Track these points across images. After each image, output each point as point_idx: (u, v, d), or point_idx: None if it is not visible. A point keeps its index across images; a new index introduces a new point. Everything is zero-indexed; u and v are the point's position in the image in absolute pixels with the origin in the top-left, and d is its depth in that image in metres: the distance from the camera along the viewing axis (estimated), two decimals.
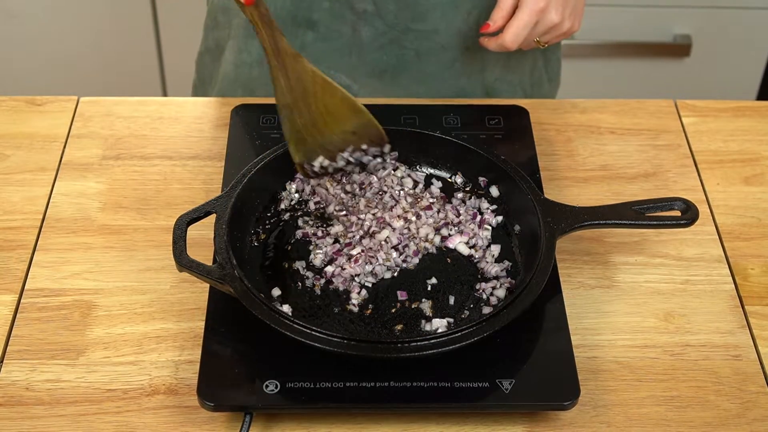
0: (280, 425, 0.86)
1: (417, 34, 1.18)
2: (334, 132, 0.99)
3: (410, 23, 1.17)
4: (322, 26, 1.19)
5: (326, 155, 1.00)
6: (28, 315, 0.93)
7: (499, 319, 0.86)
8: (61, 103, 1.16)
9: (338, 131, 0.99)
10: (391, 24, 1.17)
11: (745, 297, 0.97)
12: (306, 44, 1.20)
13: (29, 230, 1.01)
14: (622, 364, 0.91)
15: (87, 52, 2.07)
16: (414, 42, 1.19)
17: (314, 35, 1.19)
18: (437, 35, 1.18)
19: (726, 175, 1.10)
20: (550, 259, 0.91)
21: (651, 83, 2.10)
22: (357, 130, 0.99)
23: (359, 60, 1.21)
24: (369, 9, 1.16)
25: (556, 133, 1.14)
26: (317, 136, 0.99)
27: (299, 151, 0.99)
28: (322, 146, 0.99)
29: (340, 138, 0.99)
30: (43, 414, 0.86)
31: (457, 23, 1.18)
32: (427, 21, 1.17)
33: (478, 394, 0.84)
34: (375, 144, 1.00)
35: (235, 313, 0.88)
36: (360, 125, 0.99)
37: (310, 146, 0.99)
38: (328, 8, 1.17)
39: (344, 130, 0.99)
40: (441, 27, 1.18)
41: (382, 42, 1.19)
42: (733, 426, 0.87)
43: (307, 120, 0.98)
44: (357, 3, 1.16)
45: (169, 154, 1.10)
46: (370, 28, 1.18)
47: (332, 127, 0.99)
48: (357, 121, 0.99)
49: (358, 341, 0.85)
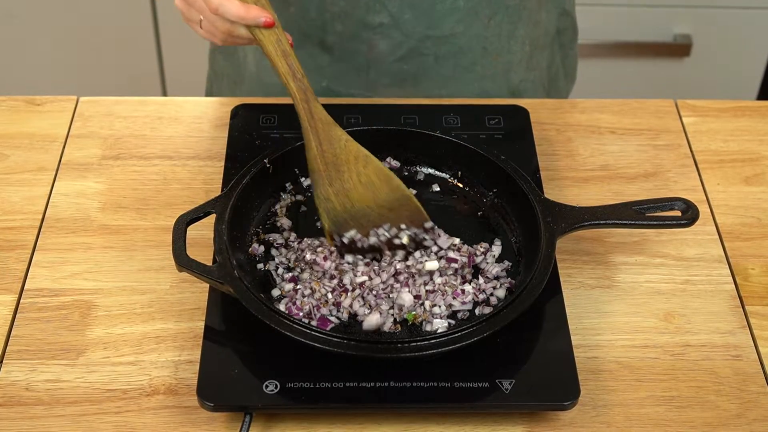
0: (280, 425, 0.85)
1: (435, 40, 1.18)
2: (368, 205, 0.95)
3: (427, 30, 1.17)
4: (336, 49, 1.19)
5: (359, 229, 0.94)
6: (27, 315, 0.93)
7: (499, 319, 0.86)
8: (60, 103, 1.16)
9: (372, 204, 0.95)
10: (408, 33, 1.17)
11: (745, 297, 0.97)
12: (322, 66, 1.20)
13: (29, 230, 1.01)
14: (622, 364, 0.91)
15: (87, 52, 2.07)
16: (432, 48, 1.19)
17: (329, 58, 1.19)
18: (455, 39, 1.18)
19: (726, 175, 1.10)
20: (550, 259, 0.91)
21: (651, 83, 2.11)
22: (393, 206, 0.95)
23: (378, 73, 1.20)
24: (385, 21, 1.16)
25: (556, 133, 1.14)
26: (349, 207, 0.95)
27: (329, 219, 0.95)
28: (354, 218, 0.95)
29: (375, 213, 0.95)
30: (43, 414, 0.86)
31: (475, 28, 1.18)
32: (444, 27, 1.17)
33: (478, 394, 0.84)
34: (414, 224, 0.95)
35: (235, 313, 0.88)
36: (396, 201, 0.95)
37: (342, 217, 0.95)
38: (341, 30, 1.17)
39: (379, 205, 0.95)
40: (458, 31, 1.17)
41: (401, 52, 1.19)
42: (734, 426, 0.86)
43: (339, 188, 0.94)
44: (371, 18, 1.15)
45: (168, 154, 1.10)
46: (387, 41, 1.17)
47: (365, 199, 0.95)
48: (393, 196, 0.95)
49: (358, 341, 0.85)
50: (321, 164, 0.94)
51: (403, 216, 0.95)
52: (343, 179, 0.95)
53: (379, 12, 1.15)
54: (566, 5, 1.28)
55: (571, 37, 1.32)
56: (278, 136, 1.07)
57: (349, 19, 1.15)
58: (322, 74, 1.20)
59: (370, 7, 1.14)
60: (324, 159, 0.94)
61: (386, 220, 0.95)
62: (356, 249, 0.94)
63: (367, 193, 0.95)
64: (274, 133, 1.08)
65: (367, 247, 0.94)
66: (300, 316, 0.89)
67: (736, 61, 2.08)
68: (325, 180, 0.94)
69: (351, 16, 1.15)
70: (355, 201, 0.95)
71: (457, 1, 1.15)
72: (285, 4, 1.16)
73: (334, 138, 0.94)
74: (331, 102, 1.16)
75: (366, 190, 0.95)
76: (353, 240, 0.94)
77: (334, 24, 1.16)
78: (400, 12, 1.15)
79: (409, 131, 1.05)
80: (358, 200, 0.95)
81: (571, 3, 1.30)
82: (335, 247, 0.94)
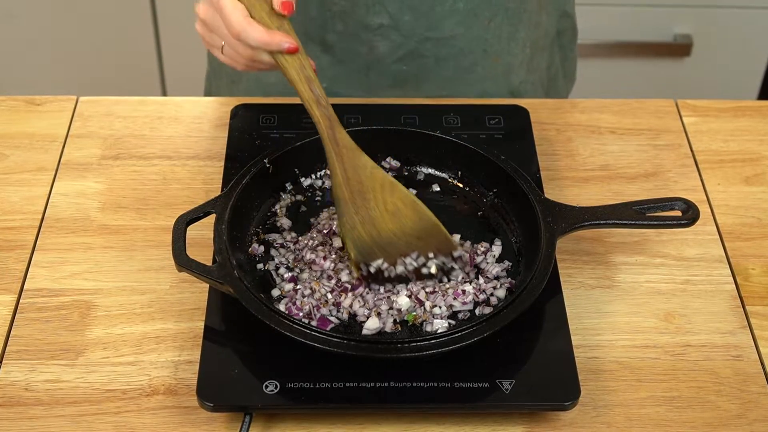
0: (280, 425, 0.85)
1: (435, 42, 1.18)
2: (395, 233, 0.92)
3: (427, 32, 1.17)
4: (337, 49, 1.18)
5: (386, 258, 0.91)
6: (27, 315, 0.93)
7: (499, 319, 0.86)
8: (60, 102, 1.16)
9: (399, 233, 0.92)
10: (407, 35, 1.17)
11: (745, 297, 0.97)
12: (323, 68, 1.19)
13: (28, 230, 1.01)
14: (622, 365, 0.91)
15: (87, 52, 2.07)
16: (432, 49, 1.18)
17: (330, 59, 1.19)
18: (455, 40, 1.18)
19: (727, 175, 1.10)
20: (550, 259, 0.91)
21: (651, 83, 2.11)
22: (421, 235, 0.92)
23: (378, 75, 1.20)
24: (385, 23, 1.15)
25: (556, 133, 1.14)
26: (375, 236, 0.91)
27: (356, 249, 0.92)
28: (381, 247, 0.91)
29: (402, 241, 0.92)
30: (43, 414, 0.86)
31: (475, 30, 1.17)
32: (444, 28, 1.17)
33: (478, 394, 0.84)
34: (442, 253, 0.92)
35: (235, 313, 0.88)
36: (423, 229, 0.92)
37: (369, 246, 0.91)
38: (341, 30, 1.17)
39: (406, 233, 0.92)
40: (458, 32, 1.17)
41: (400, 54, 1.18)
42: (734, 426, 0.86)
43: (365, 217, 0.91)
44: (371, 19, 1.15)
45: (168, 154, 1.10)
46: (386, 42, 1.17)
47: (392, 227, 0.92)
48: (420, 225, 0.92)
49: (358, 341, 0.85)
50: (346, 192, 0.91)
51: (431, 244, 0.92)
52: (369, 207, 0.92)
53: (379, 13, 1.15)
54: (567, 7, 1.28)
55: (571, 38, 1.32)
56: (278, 136, 1.07)
57: (350, 18, 1.15)
58: (322, 76, 1.20)
59: (369, 7, 1.14)
60: (349, 187, 0.91)
61: (414, 248, 0.92)
62: (383, 279, 0.92)
63: (394, 222, 0.92)
64: (274, 133, 1.08)
65: (394, 277, 0.92)
66: (300, 316, 0.89)
67: (736, 61, 2.08)
68: (350, 208, 0.91)
69: (351, 16, 1.15)
70: (382, 230, 0.92)
71: (456, 3, 1.15)
72: None
73: (360, 165, 0.92)
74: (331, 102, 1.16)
75: (393, 219, 0.92)
76: (380, 269, 0.91)
77: (334, 23, 1.16)
78: (400, 13, 1.15)
79: (409, 131, 1.05)
80: (385, 229, 0.92)
81: (572, 4, 1.30)
82: (362, 276, 0.92)
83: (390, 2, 1.14)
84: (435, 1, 1.14)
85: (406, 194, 0.92)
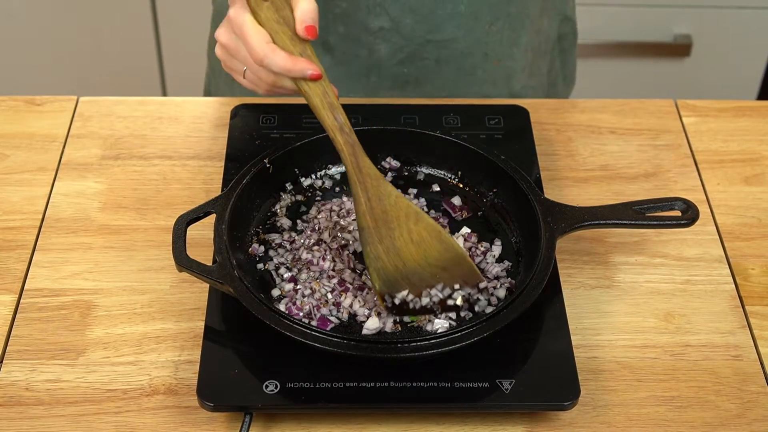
0: (280, 425, 0.85)
1: (436, 45, 1.18)
2: (420, 264, 0.90)
3: (427, 34, 1.17)
4: (338, 51, 1.18)
5: (411, 289, 0.90)
6: (27, 315, 0.93)
7: (499, 319, 0.86)
8: (60, 103, 1.16)
9: (424, 264, 0.90)
10: (408, 37, 1.17)
11: (745, 297, 0.97)
12: (324, 69, 1.19)
13: (29, 230, 1.01)
14: (622, 364, 0.91)
15: (87, 52, 2.07)
16: (433, 52, 1.18)
17: (331, 60, 1.19)
18: (456, 43, 1.18)
19: (726, 175, 1.10)
20: (550, 259, 0.91)
21: (651, 83, 2.11)
22: (446, 265, 0.90)
23: (379, 78, 1.20)
24: (386, 26, 1.15)
25: (556, 133, 1.14)
26: (400, 266, 0.89)
27: (380, 280, 0.90)
28: (406, 278, 0.89)
29: (427, 272, 0.90)
30: (43, 414, 0.86)
31: (476, 33, 1.17)
32: (445, 31, 1.17)
33: (478, 394, 0.84)
34: (468, 284, 0.91)
35: (235, 313, 0.88)
36: (449, 260, 0.90)
37: (393, 276, 0.89)
38: (342, 32, 1.16)
39: (431, 264, 0.90)
40: (459, 35, 1.17)
41: (401, 57, 1.18)
42: (734, 426, 0.86)
43: (390, 246, 0.89)
44: (372, 21, 1.15)
45: (168, 154, 1.10)
46: (387, 45, 1.17)
47: (417, 258, 0.90)
48: (446, 256, 0.90)
49: (358, 341, 0.85)
50: (370, 221, 0.89)
51: (456, 276, 0.90)
52: (394, 237, 0.89)
53: (380, 15, 1.15)
54: (568, 11, 1.28)
55: (572, 41, 1.32)
56: (278, 136, 1.07)
57: (351, 21, 1.15)
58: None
59: (370, 10, 1.14)
60: (373, 215, 0.89)
61: (439, 279, 0.90)
62: (408, 310, 0.90)
63: (419, 252, 0.90)
64: (274, 133, 1.08)
65: (419, 308, 0.90)
66: (300, 316, 0.89)
67: (736, 61, 2.08)
68: (375, 238, 0.89)
69: (352, 18, 1.15)
70: (407, 260, 0.90)
71: (458, 6, 1.15)
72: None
73: (384, 194, 0.89)
74: None
75: (418, 249, 0.90)
76: (405, 301, 0.90)
77: (336, 25, 1.16)
78: (401, 16, 1.15)
79: (409, 131, 1.05)
80: (409, 259, 0.90)
81: (573, 8, 1.30)
82: (386, 308, 0.90)
83: (391, 5, 1.14)
84: (436, 4, 1.14)
85: (432, 224, 0.90)
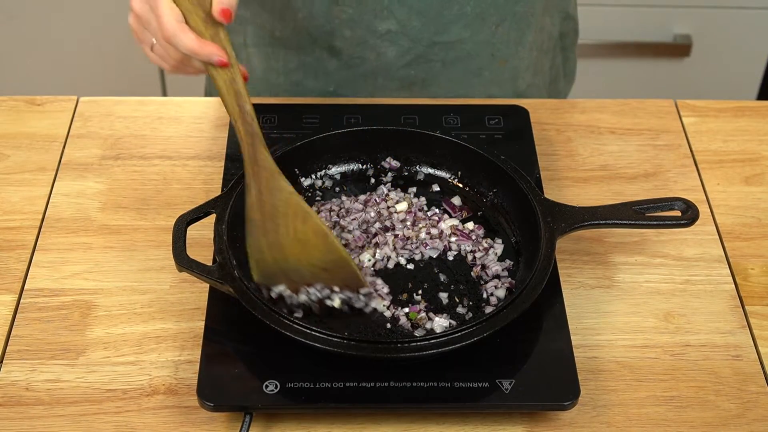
0: (280, 425, 0.86)
1: (442, 46, 1.18)
2: (302, 263, 0.89)
3: (434, 36, 1.17)
4: (345, 54, 1.18)
5: (289, 285, 0.89)
6: (27, 315, 0.93)
7: (499, 319, 0.86)
8: (60, 103, 1.16)
9: (306, 263, 0.89)
10: (415, 39, 1.16)
11: (745, 297, 0.97)
12: (330, 71, 1.19)
13: (29, 230, 1.01)
14: (622, 364, 0.91)
15: (87, 52, 2.07)
16: (440, 54, 1.18)
17: (338, 63, 1.19)
18: (462, 44, 1.18)
19: (726, 175, 1.10)
20: (550, 259, 0.91)
21: (651, 83, 2.11)
22: (328, 267, 0.89)
23: (386, 79, 1.20)
24: (393, 28, 1.15)
25: (556, 133, 1.14)
26: (281, 262, 0.89)
27: (258, 271, 0.90)
28: (285, 274, 0.89)
29: (308, 271, 0.89)
30: (43, 414, 0.86)
31: (483, 34, 1.17)
32: (451, 33, 1.17)
33: (478, 394, 0.84)
34: (348, 288, 0.90)
35: (235, 313, 0.88)
36: (332, 263, 0.89)
37: (272, 270, 0.90)
38: (349, 36, 1.16)
39: (313, 264, 0.89)
40: (466, 37, 1.17)
41: (408, 59, 1.18)
42: (733, 426, 0.86)
43: (274, 241, 0.89)
44: (379, 24, 1.15)
45: (168, 154, 1.10)
46: (394, 47, 1.17)
47: (300, 256, 0.89)
48: (329, 257, 0.89)
49: (358, 341, 0.85)
50: (258, 214, 0.89)
51: (337, 278, 0.90)
52: (279, 233, 0.89)
53: (387, 18, 1.14)
54: (570, 9, 1.28)
55: (573, 39, 1.32)
56: (278, 136, 1.07)
57: (357, 25, 1.15)
58: (329, 79, 1.20)
59: (377, 13, 1.14)
60: (262, 209, 0.89)
61: (319, 279, 0.90)
62: (285, 305, 0.90)
63: (303, 250, 0.89)
64: (274, 133, 1.08)
65: (296, 304, 0.90)
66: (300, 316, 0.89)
67: (736, 61, 2.08)
68: (260, 231, 0.89)
69: (359, 23, 1.15)
70: (289, 256, 0.89)
71: (464, 7, 1.15)
72: (293, 11, 1.16)
73: (276, 188, 0.89)
74: (331, 102, 1.16)
75: (301, 247, 0.89)
76: (282, 295, 0.90)
77: (342, 30, 1.16)
78: (408, 19, 1.15)
79: (409, 131, 1.05)
80: (291, 256, 0.89)
81: (574, 6, 1.30)
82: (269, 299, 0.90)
83: (398, 8, 1.14)
84: (443, 6, 1.14)
85: (319, 226, 0.89)
